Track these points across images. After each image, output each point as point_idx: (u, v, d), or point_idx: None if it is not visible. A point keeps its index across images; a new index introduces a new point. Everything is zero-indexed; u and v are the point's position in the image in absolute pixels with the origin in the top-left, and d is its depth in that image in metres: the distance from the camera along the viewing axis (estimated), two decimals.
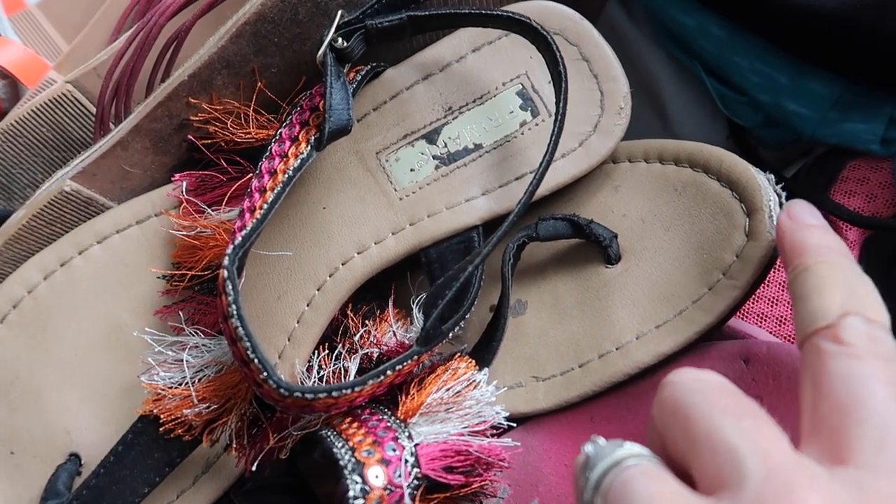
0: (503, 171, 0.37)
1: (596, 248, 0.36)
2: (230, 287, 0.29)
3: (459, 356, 0.34)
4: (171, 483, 0.36)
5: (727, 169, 0.34)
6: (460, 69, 0.38)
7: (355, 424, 0.30)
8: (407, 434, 0.29)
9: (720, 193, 0.34)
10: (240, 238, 0.31)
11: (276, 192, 0.33)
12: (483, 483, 0.30)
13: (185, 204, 0.36)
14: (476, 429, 0.30)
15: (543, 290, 0.37)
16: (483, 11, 0.35)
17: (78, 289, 0.37)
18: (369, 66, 0.37)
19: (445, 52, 0.38)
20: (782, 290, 0.39)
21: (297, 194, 0.37)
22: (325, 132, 0.33)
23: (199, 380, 0.33)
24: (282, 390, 0.28)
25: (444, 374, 0.32)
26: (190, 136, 0.37)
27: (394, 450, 0.28)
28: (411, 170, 0.37)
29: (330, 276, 0.36)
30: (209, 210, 0.36)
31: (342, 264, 0.36)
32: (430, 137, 0.37)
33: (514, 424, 0.34)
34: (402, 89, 0.38)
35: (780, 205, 0.33)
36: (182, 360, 0.33)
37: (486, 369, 0.34)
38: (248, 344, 0.29)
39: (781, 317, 0.38)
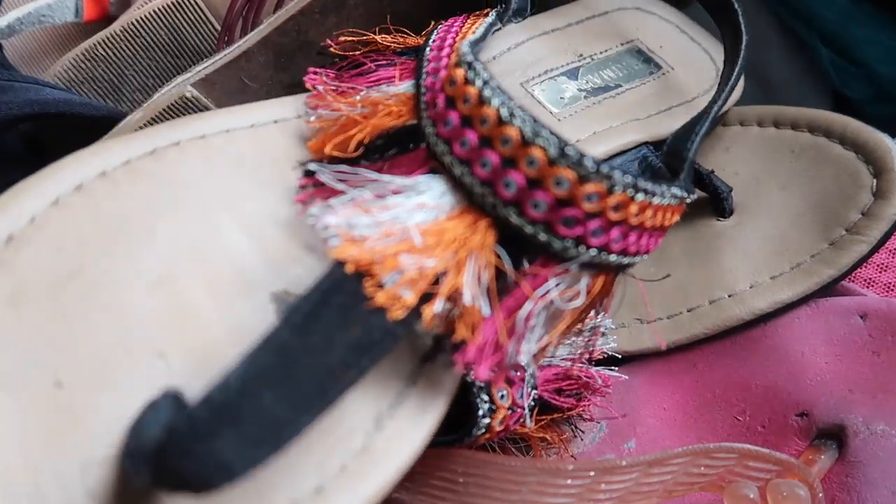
0: (655, 102, 0.37)
1: (708, 200, 0.36)
2: (478, 68, 0.24)
3: None
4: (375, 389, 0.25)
5: (853, 132, 0.35)
6: (582, 27, 0.39)
7: None
8: None
9: (843, 156, 0.35)
10: (477, 34, 0.28)
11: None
12: (588, 406, 0.31)
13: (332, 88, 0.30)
14: (586, 356, 0.31)
15: None
16: None
17: (182, 180, 0.26)
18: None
19: (567, 14, 0.39)
20: (892, 257, 0.39)
21: None
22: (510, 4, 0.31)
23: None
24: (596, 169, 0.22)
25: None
26: (328, 42, 0.34)
27: (516, 371, 0.29)
28: (560, 98, 0.36)
29: None
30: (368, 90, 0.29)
31: None
32: (571, 74, 0.37)
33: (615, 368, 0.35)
34: (531, 36, 0.38)
35: None
36: (367, 199, 0.24)
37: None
38: (522, 117, 0.22)
39: (889, 283, 0.38)
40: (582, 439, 0.32)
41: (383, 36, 0.31)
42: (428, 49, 0.29)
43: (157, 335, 0.22)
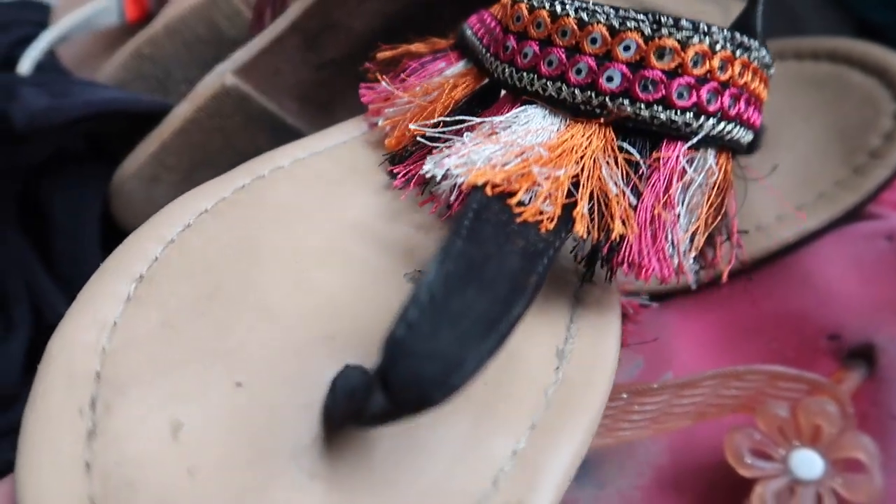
0: None
1: None
2: None
3: None
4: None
5: (874, 59, 0.35)
6: None
7: None
8: None
9: (864, 83, 0.35)
10: None
11: None
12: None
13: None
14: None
15: None
16: None
17: (278, 203, 0.26)
18: None
19: None
20: None
21: None
22: None
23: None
24: None
25: None
26: (368, 65, 0.32)
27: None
28: None
29: None
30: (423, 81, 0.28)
31: None
32: None
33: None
34: None
35: None
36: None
37: None
38: (605, 12, 0.23)
39: None
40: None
41: (417, 45, 0.30)
42: (468, 28, 0.29)
43: (316, 324, 0.23)
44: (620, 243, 0.23)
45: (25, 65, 0.41)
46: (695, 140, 0.23)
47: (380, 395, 0.17)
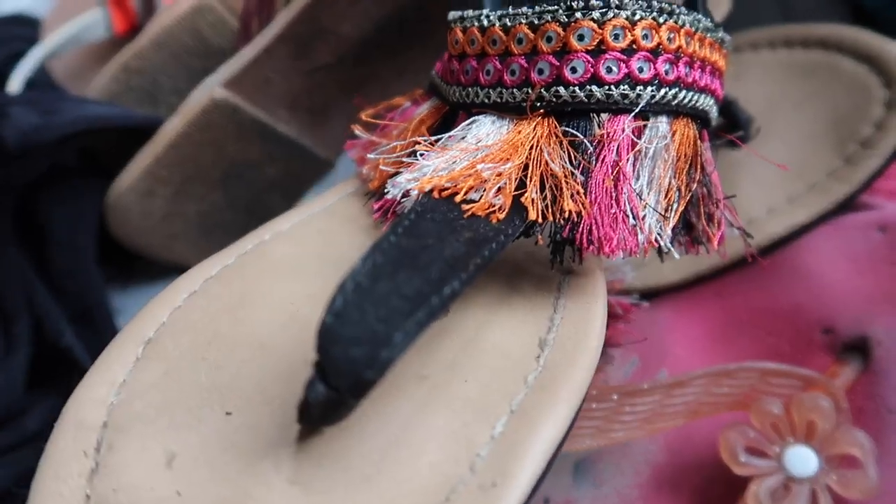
0: None
1: (724, 128, 0.36)
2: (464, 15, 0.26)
3: None
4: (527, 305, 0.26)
5: (864, 45, 0.35)
6: None
7: None
8: None
9: (855, 71, 0.35)
10: None
11: None
12: (613, 334, 0.31)
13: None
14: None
15: None
16: None
17: (276, 259, 0.28)
18: None
19: None
20: None
21: None
22: None
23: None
24: None
25: None
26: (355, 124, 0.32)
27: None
28: None
29: None
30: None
31: None
32: None
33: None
34: None
35: None
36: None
37: None
38: (523, 13, 0.25)
39: None
40: (612, 366, 0.34)
41: (397, 98, 0.31)
42: (433, 71, 0.30)
43: (303, 351, 0.24)
44: (579, 222, 0.23)
45: (15, 83, 0.42)
46: (636, 110, 0.24)
47: (319, 385, 0.19)
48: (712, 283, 0.36)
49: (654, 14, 0.24)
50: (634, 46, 0.24)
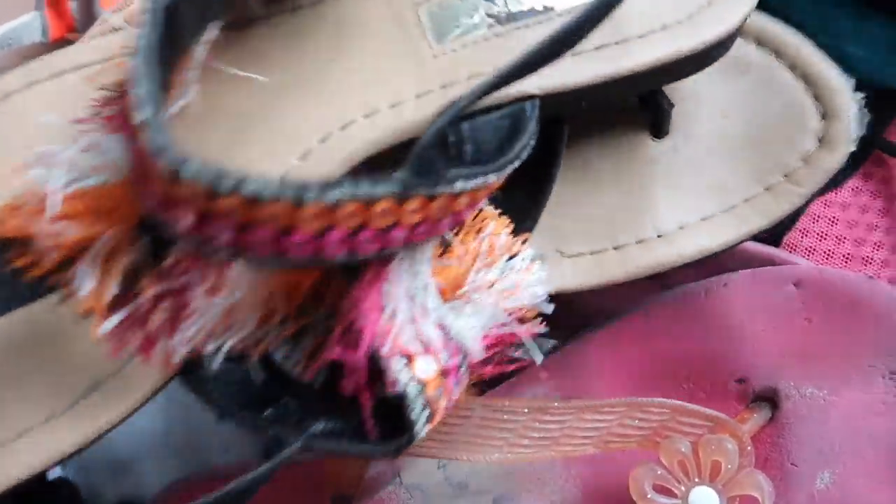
0: None
1: (644, 115, 0.32)
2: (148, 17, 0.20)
3: (486, 213, 0.26)
4: (38, 397, 0.26)
5: (805, 59, 0.31)
6: None
7: None
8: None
9: (792, 87, 0.32)
10: None
11: None
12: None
13: None
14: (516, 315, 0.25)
15: (570, 151, 0.31)
16: None
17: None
18: None
19: None
20: (831, 226, 0.41)
21: (301, 43, 0.28)
22: None
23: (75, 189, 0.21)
24: (166, 155, 0.17)
25: (476, 242, 0.25)
26: None
27: None
28: (456, 26, 0.28)
29: (320, 142, 0.27)
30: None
31: (340, 129, 0.27)
32: None
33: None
34: None
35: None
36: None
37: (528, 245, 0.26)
38: (137, 73, 0.18)
39: (828, 251, 0.40)
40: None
41: None
42: None
43: None
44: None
45: None
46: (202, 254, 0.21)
47: None
48: (637, 322, 0.35)
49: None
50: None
